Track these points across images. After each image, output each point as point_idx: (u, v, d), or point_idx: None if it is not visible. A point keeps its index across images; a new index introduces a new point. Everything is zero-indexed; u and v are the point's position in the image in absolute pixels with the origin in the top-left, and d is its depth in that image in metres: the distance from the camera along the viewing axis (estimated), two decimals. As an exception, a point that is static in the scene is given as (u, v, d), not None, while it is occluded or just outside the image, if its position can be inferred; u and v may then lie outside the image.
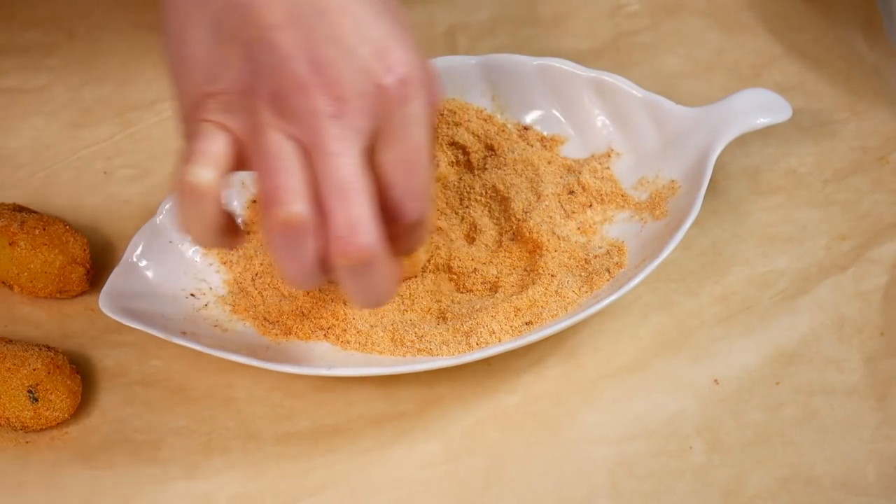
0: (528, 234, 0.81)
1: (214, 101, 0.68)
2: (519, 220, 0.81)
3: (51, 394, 0.75)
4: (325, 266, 0.69)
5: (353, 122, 0.67)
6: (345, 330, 0.78)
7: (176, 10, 0.69)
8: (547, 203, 0.82)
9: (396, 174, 0.69)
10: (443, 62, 0.86)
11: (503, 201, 0.82)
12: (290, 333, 0.78)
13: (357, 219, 0.67)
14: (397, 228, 0.71)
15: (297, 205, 0.67)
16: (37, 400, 0.75)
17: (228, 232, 0.70)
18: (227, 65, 0.67)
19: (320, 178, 0.67)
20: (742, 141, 0.87)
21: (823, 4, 0.95)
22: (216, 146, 0.68)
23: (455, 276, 0.81)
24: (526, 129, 0.86)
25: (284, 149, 0.67)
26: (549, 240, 0.80)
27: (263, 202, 0.67)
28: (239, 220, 0.78)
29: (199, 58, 0.68)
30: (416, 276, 0.80)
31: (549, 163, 0.84)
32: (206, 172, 0.67)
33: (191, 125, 0.69)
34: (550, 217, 0.81)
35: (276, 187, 0.67)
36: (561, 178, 0.84)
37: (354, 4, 0.68)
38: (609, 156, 0.85)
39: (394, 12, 0.70)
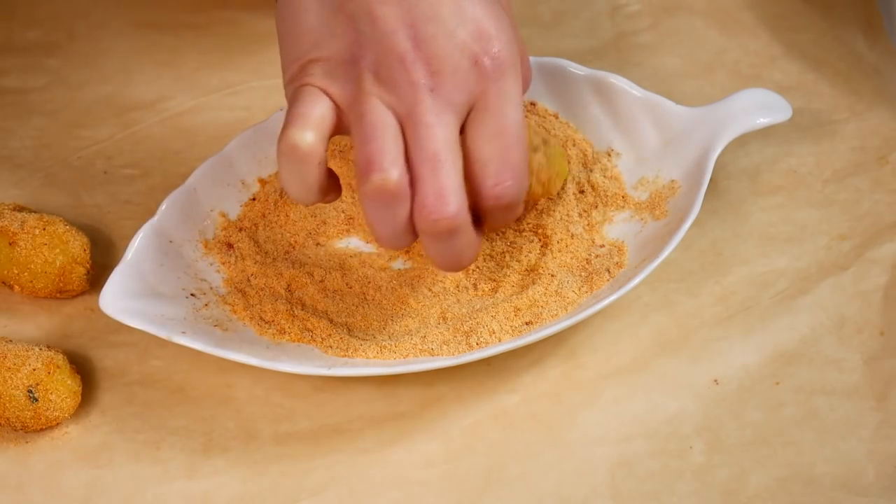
0: (541, 229, 0.81)
1: (319, 66, 0.72)
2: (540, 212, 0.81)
3: (51, 394, 0.75)
4: (413, 229, 0.72)
5: (449, 96, 0.71)
6: (329, 334, 0.78)
7: None
8: (566, 200, 0.82)
9: (489, 149, 0.72)
10: (443, 62, 0.86)
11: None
12: (283, 333, 0.78)
13: (445, 189, 0.70)
14: (488, 205, 0.73)
15: (392, 171, 0.70)
16: (37, 400, 0.75)
17: (327, 189, 0.73)
18: (332, 34, 0.71)
19: (413, 148, 0.70)
20: (742, 141, 0.87)
21: (823, 4, 0.95)
22: (318, 110, 0.71)
23: (455, 276, 0.81)
24: (533, 104, 0.86)
25: (383, 116, 0.70)
26: (561, 238, 0.80)
27: (359, 167, 0.70)
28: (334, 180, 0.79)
29: (308, 27, 0.72)
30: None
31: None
32: (307, 135, 0.71)
33: (295, 88, 0.72)
34: (568, 214, 0.81)
35: (374, 153, 0.70)
36: (578, 172, 0.84)
37: None
38: (609, 156, 0.85)
39: None
